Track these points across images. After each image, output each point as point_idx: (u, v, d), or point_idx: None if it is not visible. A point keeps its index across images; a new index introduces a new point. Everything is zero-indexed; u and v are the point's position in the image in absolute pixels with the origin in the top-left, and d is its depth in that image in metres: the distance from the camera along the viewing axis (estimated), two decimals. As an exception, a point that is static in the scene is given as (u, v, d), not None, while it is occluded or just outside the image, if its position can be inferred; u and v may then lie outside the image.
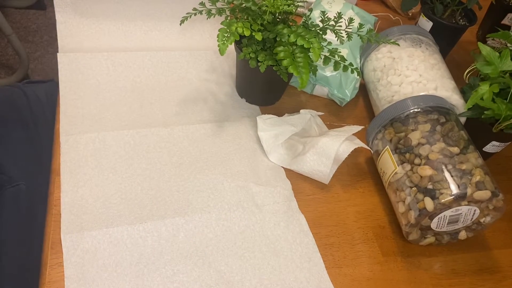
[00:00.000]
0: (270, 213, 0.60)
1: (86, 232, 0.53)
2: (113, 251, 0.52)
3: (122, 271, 0.51)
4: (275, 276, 0.54)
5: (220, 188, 0.61)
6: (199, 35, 0.83)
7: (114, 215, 0.55)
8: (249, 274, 0.54)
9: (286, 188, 0.63)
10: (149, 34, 0.80)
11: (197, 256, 0.54)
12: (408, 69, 0.72)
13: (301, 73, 0.59)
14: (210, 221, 0.57)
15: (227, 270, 0.53)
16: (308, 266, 0.56)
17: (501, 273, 0.62)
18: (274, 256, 0.56)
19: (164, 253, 0.53)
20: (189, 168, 0.63)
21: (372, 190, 0.68)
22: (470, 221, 0.58)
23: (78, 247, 0.51)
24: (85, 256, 0.51)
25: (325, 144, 0.63)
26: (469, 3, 0.84)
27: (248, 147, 0.68)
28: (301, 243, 0.58)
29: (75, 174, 0.58)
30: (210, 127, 0.69)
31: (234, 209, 0.59)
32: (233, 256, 0.55)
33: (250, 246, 0.56)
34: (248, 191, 0.62)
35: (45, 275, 0.49)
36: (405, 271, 0.59)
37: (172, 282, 0.51)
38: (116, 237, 0.53)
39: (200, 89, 0.75)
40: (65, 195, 0.56)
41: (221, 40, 0.57)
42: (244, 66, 0.69)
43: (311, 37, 0.60)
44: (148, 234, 0.54)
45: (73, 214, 0.54)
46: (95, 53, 0.75)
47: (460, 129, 0.62)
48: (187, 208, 0.58)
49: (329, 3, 0.84)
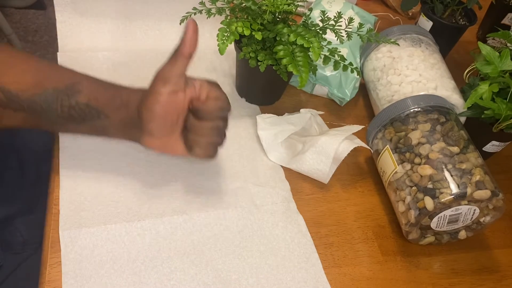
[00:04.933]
0: (268, 213, 0.60)
1: (84, 229, 0.53)
2: (110, 247, 0.52)
3: (119, 268, 0.51)
4: (273, 275, 0.54)
5: (218, 188, 0.61)
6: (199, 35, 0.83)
7: (112, 212, 0.55)
8: (246, 273, 0.54)
9: (285, 189, 0.63)
10: (149, 33, 0.80)
11: (195, 254, 0.54)
12: (408, 68, 0.72)
13: (301, 72, 0.59)
14: (208, 220, 0.57)
15: (225, 268, 0.53)
16: (306, 266, 0.56)
17: (501, 272, 0.62)
18: (272, 255, 0.56)
19: (161, 251, 0.53)
20: (187, 167, 0.63)
21: (372, 189, 0.67)
22: (470, 220, 0.58)
23: (76, 243, 0.51)
24: (83, 253, 0.51)
25: (324, 143, 0.63)
26: (469, 3, 0.83)
27: (248, 147, 0.68)
28: (299, 243, 0.58)
29: (75, 171, 0.58)
30: None
31: (233, 209, 0.59)
32: (230, 255, 0.55)
33: (248, 246, 0.56)
34: (247, 191, 0.62)
35: (44, 274, 0.49)
36: (404, 271, 0.59)
37: (169, 280, 0.51)
38: (114, 234, 0.53)
39: None
40: (64, 191, 0.56)
41: (220, 40, 0.57)
42: (244, 65, 0.69)
43: (311, 37, 0.60)
44: (146, 231, 0.54)
45: (71, 211, 0.54)
46: (95, 52, 0.74)
47: (460, 128, 0.62)
48: (186, 207, 0.58)
49: (329, 3, 0.84)
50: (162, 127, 0.50)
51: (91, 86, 0.52)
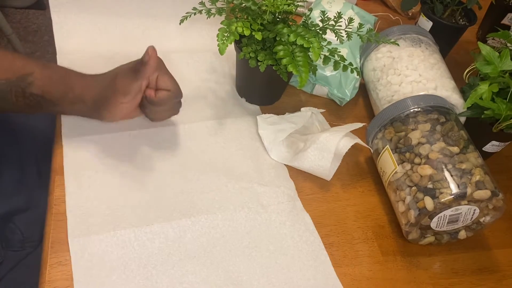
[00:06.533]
0: (275, 213, 0.60)
1: (94, 236, 0.52)
2: (121, 253, 0.52)
3: (130, 274, 0.50)
4: (283, 274, 0.54)
5: (224, 189, 0.61)
6: (198, 35, 0.82)
7: (120, 217, 0.55)
8: (257, 273, 0.54)
9: (290, 188, 0.63)
10: (146, 33, 0.79)
11: (205, 256, 0.54)
12: (408, 68, 0.72)
13: (301, 72, 0.59)
14: (216, 222, 0.57)
15: (235, 269, 0.53)
16: (315, 264, 0.56)
17: (501, 272, 0.62)
18: (281, 254, 0.56)
19: (172, 255, 0.53)
20: (192, 169, 0.62)
21: (372, 189, 0.68)
22: (470, 220, 0.58)
23: (86, 250, 0.51)
24: (93, 260, 0.50)
25: (325, 139, 0.63)
26: (469, 3, 0.83)
27: (250, 147, 0.68)
28: (307, 241, 0.58)
29: (80, 176, 0.58)
30: (211, 128, 0.69)
31: (240, 210, 0.59)
32: (240, 255, 0.55)
33: (257, 246, 0.56)
34: (253, 192, 0.62)
35: (44, 274, 0.49)
36: (404, 271, 0.59)
37: (181, 283, 0.51)
38: (124, 239, 0.53)
39: (201, 90, 0.74)
40: (69, 197, 0.55)
41: (221, 40, 0.57)
42: (244, 65, 0.69)
43: (311, 37, 0.60)
44: (155, 236, 0.54)
45: (78, 217, 0.54)
46: (93, 54, 0.74)
47: (460, 128, 0.62)
48: (193, 210, 0.58)
49: (329, 3, 0.84)
50: (122, 119, 0.61)
51: (44, 80, 0.55)
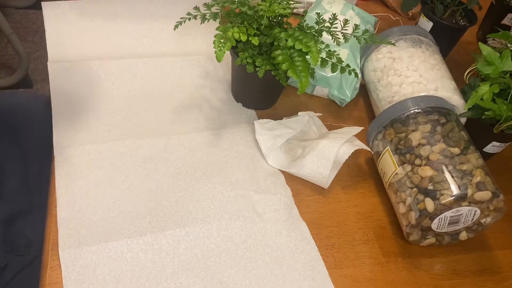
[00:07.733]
0: (271, 222, 0.59)
1: (85, 248, 0.51)
2: (113, 266, 0.51)
3: (123, 287, 0.50)
4: (279, 286, 0.53)
5: (219, 197, 0.60)
6: (191, 39, 0.81)
7: (113, 228, 0.54)
8: (252, 285, 0.53)
9: (287, 195, 0.63)
10: (140, 40, 0.78)
11: (199, 268, 0.53)
12: (408, 69, 0.72)
13: (301, 77, 0.59)
14: (211, 232, 0.56)
15: (230, 281, 0.53)
16: (312, 274, 0.55)
17: (502, 273, 0.62)
18: (277, 265, 0.55)
19: (165, 266, 0.52)
20: (187, 178, 0.62)
21: (372, 190, 0.67)
22: (471, 221, 0.58)
23: (77, 263, 0.50)
24: (85, 273, 0.50)
25: (325, 146, 0.63)
26: (470, 3, 0.83)
27: (247, 154, 0.67)
28: (304, 251, 0.57)
29: (71, 188, 0.57)
30: (207, 135, 0.68)
31: (235, 219, 0.58)
32: (235, 267, 0.54)
33: (253, 256, 0.55)
34: (248, 200, 0.61)
35: (45, 277, 0.49)
36: (405, 272, 0.59)
37: None
38: (116, 251, 0.52)
39: (195, 96, 0.73)
40: (61, 209, 0.54)
41: (217, 47, 0.56)
42: (241, 71, 0.68)
43: (309, 41, 0.59)
44: (149, 247, 0.53)
45: (70, 229, 0.53)
46: (86, 62, 0.73)
47: (460, 129, 0.62)
48: (187, 219, 0.57)
49: (329, 4, 0.84)
50: None
51: None
